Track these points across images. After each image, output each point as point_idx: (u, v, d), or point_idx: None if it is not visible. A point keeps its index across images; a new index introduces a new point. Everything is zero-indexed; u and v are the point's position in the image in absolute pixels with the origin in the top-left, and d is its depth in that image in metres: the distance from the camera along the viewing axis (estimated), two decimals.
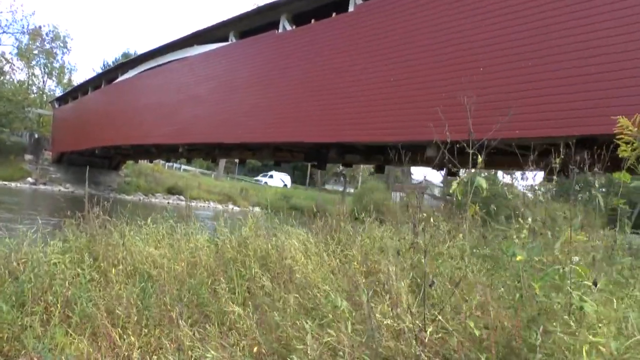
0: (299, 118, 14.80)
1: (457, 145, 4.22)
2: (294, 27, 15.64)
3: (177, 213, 6.62)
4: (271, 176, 63.78)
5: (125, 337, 3.67)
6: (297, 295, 3.82)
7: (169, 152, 25.60)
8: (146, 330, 3.85)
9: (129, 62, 28.40)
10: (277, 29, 15.99)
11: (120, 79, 28.18)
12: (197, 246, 5.28)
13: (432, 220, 4.84)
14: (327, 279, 4.05)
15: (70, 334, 3.77)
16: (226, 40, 18.65)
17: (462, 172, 8.88)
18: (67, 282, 4.23)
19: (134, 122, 24.60)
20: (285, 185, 62.99)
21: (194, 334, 3.46)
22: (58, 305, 4.06)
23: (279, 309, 3.66)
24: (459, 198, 4.01)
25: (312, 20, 14.74)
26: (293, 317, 3.41)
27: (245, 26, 17.89)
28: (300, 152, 18.99)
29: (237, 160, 60.51)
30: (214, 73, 18.79)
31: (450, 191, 4.69)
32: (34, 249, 4.83)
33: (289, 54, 15.37)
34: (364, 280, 3.87)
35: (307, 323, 3.04)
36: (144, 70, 24.93)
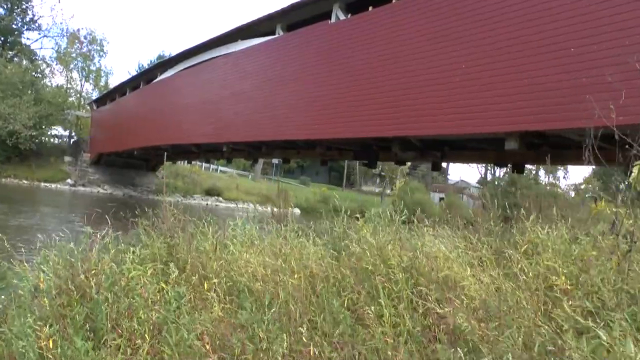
0: (354, 113, 13.83)
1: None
2: (349, 16, 14.70)
3: (218, 215, 5.77)
4: None
5: None
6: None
7: (210, 151, 24.90)
8: None
9: (168, 61, 27.82)
10: (329, 19, 15.07)
11: (159, 78, 27.65)
12: (308, 253, 4.18)
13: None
14: (518, 306, 2.94)
15: None
16: (272, 34, 17.81)
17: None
18: (151, 301, 3.37)
19: (174, 122, 23.96)
20: None
21: None
22: (146, 335, 3.16)
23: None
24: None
25: (370, 8, 13.78)
26: None
27: (293, 18, 17.00)
28: (350, 150, 18.06)
29: (275, 162, 60.21)
30: (259, 68, 17.96)
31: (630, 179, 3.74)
32: (104, 257, 3.98)
33: (342, 45, 14.42)
34: None
35: None
36: (185, 69, 24.30)
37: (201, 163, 43.75)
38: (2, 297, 4.11)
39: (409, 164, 62.55)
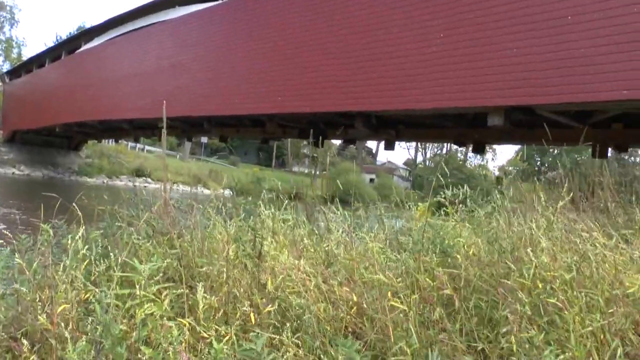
0: (312, 86, 12.78)
1: None
2: None
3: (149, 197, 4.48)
4: None
5: None
6: None
7: (142, 128, 23.02)
8: None
9: (94, 29, 25.56)
10: None
11: (83, 48, 25.40)
12: (365, 251, 2.83)
13: None
14: None
15: None
16: None
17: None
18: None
19: (103, 95, 21.91)
20: None
21: None
22: None
23: None
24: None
25: None
26: None
27: None
28: (295, 128, 17.04)
29: (204, 141, 58.07)
30: (202, 37, 16.48)
31: None
32: (74, 275, 2.60)
33: (298, 11, 13.29)
34: None
35: None
36: (114, 37, 22.32)
37: (127, 142, 41.43)
38: None
39: (338, 143, 62.42)
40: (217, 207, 4.07)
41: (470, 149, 14.84)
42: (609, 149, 11.13)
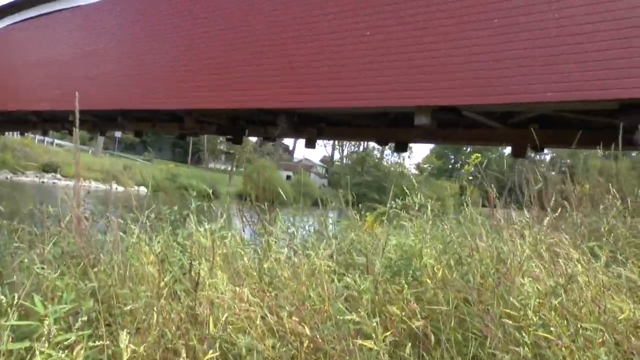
0: (233, 83, 12.33)
1: None
2: None
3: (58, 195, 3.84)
4: None
5: None
6: None
7: (51, 121, 21.57)
8: None
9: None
10: None
11: None
12: (313, 271, 2.48)
13: None
14: None
15: None
16: None
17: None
18: None
19: (6, 85, 20.37)
20: None
21: None
22: None
23: None
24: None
25: None
26: None
27: None
28: (213, 124, 16.49)
29: (118, 135, 55.81)
30: (118, 25, 15.57)
31: None
32: None
33: (217, 6, 12.81)
34: None
35: None
36: (17, 23, 20.76)
37: (34, 135, 38.93)
38: None
39: (254, 139, 61.77)
40: (137, 216, 3.55)
41: (393, 147, 14.91)
42: (527, 148, 11.50)
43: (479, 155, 3.59)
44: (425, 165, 78.38)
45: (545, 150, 29.05)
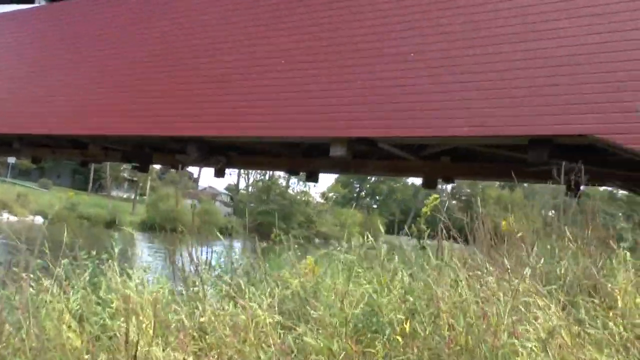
0: (140, 107, 11.76)
1: None
2: None
3: None
4: None
5: None
6: None
7: None
8: None
9: None
10: None
11: None
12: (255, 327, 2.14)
13: None
14: None
15: None
16: (31, 1, 14.69)
17: None
18: None
19: None
20: None
21: None
22: None
23: None
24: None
25: None
26: None
27: None
28: (118, 151, 15.72)
29: (11, 161, 52.24)
30: (12, 43, 14.60)
31: None
32: None
33: (122, 25, 12.30)
34: None
35: None
36: None
37: None
38: None
39: (158, 167, 60.02)
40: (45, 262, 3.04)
41: (304, 177, 14.78)
42: (438, 180, 11.74)
43: (437, 196, 3.46)
44: (330, 194, 79.20)
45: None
